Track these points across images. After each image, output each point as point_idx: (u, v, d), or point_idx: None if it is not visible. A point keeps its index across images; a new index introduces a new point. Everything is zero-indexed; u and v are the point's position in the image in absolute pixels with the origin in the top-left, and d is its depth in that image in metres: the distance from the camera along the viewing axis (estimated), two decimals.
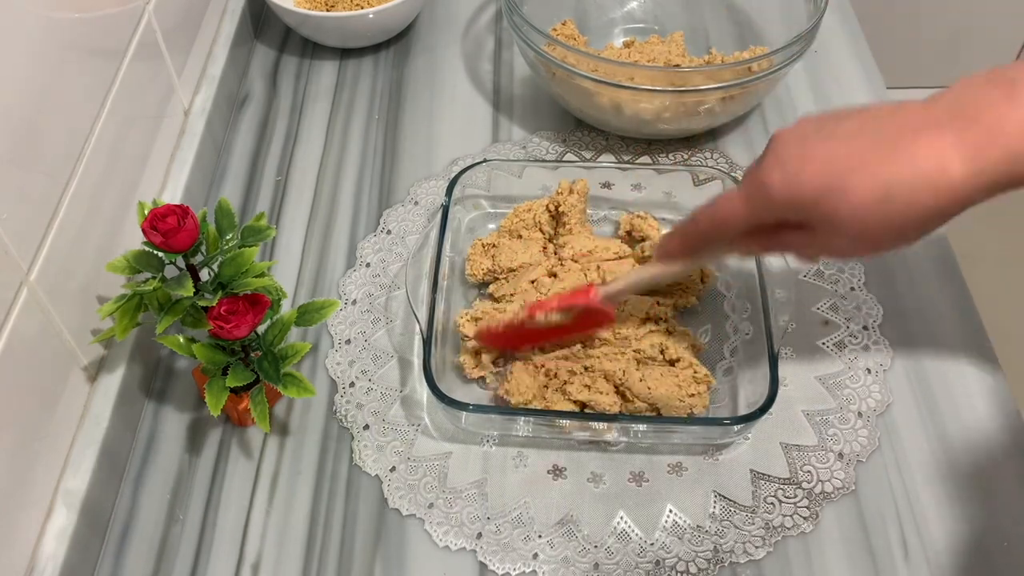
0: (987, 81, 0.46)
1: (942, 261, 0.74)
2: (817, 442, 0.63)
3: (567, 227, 0.73)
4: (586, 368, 0.64)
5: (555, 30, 0.87)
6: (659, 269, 0.61)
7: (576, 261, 0.70)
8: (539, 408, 0.63)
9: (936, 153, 0.45)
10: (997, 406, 0.65)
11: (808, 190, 0.48)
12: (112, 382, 0.63)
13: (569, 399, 0.63)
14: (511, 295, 0.69)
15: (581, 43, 0.87)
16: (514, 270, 0.71)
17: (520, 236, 0.74)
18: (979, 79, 0.46)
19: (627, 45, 0.88)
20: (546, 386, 0.64)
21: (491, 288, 0.71)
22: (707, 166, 0.79)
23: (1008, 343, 1.00)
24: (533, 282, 0.70)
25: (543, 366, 0.65)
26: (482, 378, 0.67)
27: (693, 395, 0.63)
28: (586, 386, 0.63)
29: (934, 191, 0.45)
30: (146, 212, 0.58)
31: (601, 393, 0.63)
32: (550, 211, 0.74)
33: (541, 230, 0.74)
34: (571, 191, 0.72)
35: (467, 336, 0.66)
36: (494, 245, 0.73)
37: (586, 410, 0.64)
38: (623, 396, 0.63)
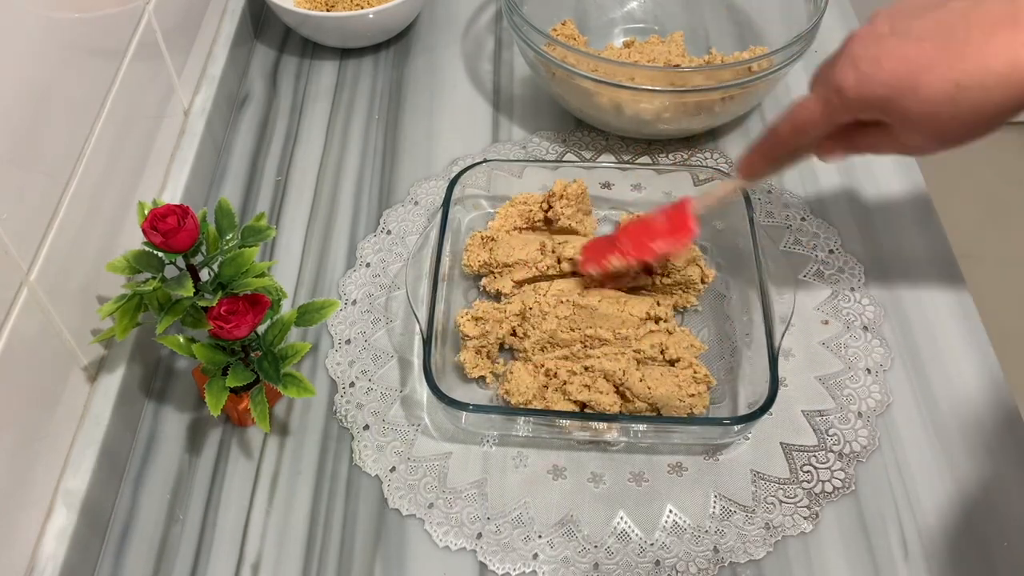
0: None
1: (942, 261, 0.74)
2: (817, 442, 0.63)
3: (567, 225, 0.73)
4: (586, 368, 0.64)
5: (555, 30, 0.87)
6: (742, 182, 0.62)
7: (574, 262, 0.70)
8: (539, 408, 0.63)
9: (1010, 51, 0.45)
10: (997, 406, 0.65)
11: (881, 89, 0.48)
12: (112, 382, 0.63)
13: (569, 399, 0.63)
14: (512, 293, 0.69)
15: (581, 43, 0.87)
16: (510, 266, 0.71)
17: (519, 229, 0.74)
18: None
19: (627, 45, 0.88)
20: (546, 386, 0.64)
21: (484, 281, 0.71)
22: (707, 166, 0.79)
23: (1008, 343, 1.00)
24: (522, 284, 0.70)
25: (543, 366, 0.65)
26: (482, 378, 0.67)
27: (693, 395, 0.63)
28: (586, 386, 0.63)
29: (1004, 89, 0.46)
30: (146, 212, 0.58)
31: (601, 393, 0.63)
32: (544, 210, 0.74)
33: (533, 227, 0.74)
34: (562, 196, 0.72)
35: (468, 335, 0.66)
36: (492, 239, 0.73)
37: (586, 410, 0.64)
38: (623, 396, 0.63)
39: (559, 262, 0.71)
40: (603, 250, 0.67)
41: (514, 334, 0.67)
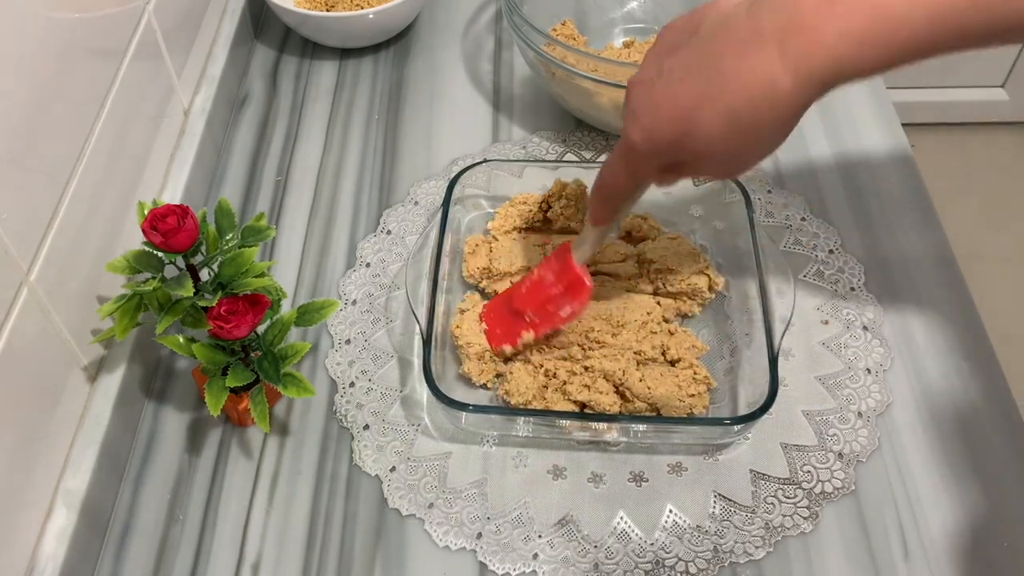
0: None
1: (942, 261, 0.74)
2: (817, 442, 0.63)
3: (567, 225, 0.73)
4: (586, 368, 0.64)
5: (555, 30, 0.87)
6: (602, 230, 0.63)
7: None
8: (539, 408, 0.63)
9: (763, 70, 0.45)
10: (997, 406, 0.65)
11: (665, 137, 0.49)
12: (112, 382, 0.63)
13: (569, 399, 0.63)
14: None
15: (581, 43, 0.87)
16: (513, 274, 0.70)
17: (519, 230, 0.74)
18: None
19: (627, 45, 0.88)
20: (546, 386, 0.64)
21: (483, 284, 0.71)
22: None
23: (1008, 343, 1.00)
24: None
25: (542, 366, 0.65)
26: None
27: (693, 395, 0.63)
28: (586, 386, 0.63)
29: (772, 106, 0.46)
30: (146, 212, 0.58)
31: (601, 393, 0.63)
32: (543, 211, 0.74)
33: (533, 228, 0.74)
34: (561, 196, 0.72)
35: (462, 344, 0.66)
36: (491, 244, 0.73)
37: (586, 410, 0.64)
38: (623, 396, 0.63)
39: None
40: (511, 325, 0.66)
41: None
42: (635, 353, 0.65)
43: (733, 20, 0.47)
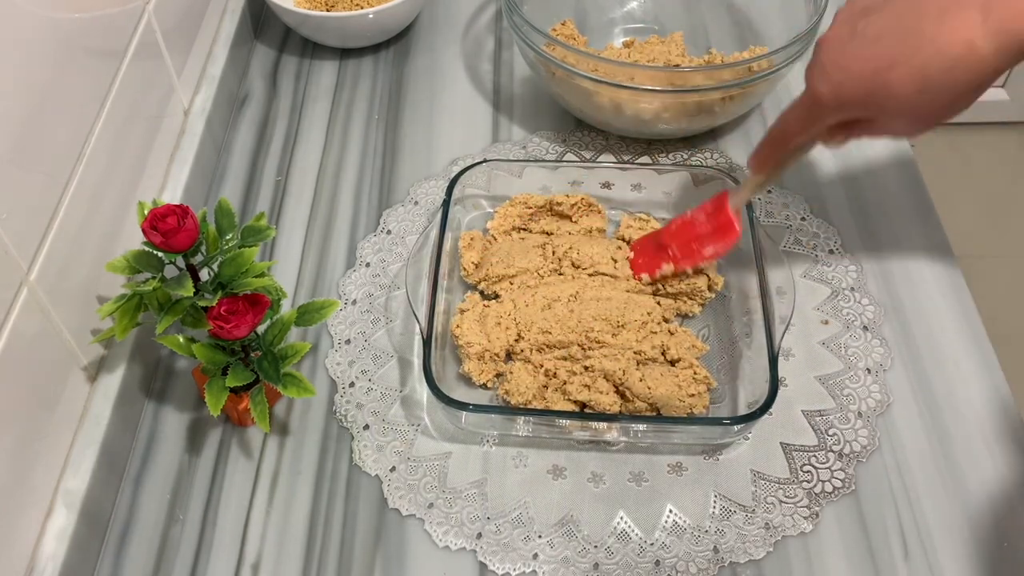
0: None
1: (942, 261, 0.74)
2: (817, 442, 0.63)
3: (573, 221, 0.73)
4: (586, 368, 0.64)
5: (555, 30, 0.87)
6: (763, 177, 0.65)
7: (577, 267, 0.70)
8: (539, 408, 0.63)
9: (964, 35, 0.47)
10: (997, 406, 0.65)
11: (854, 94, 0.52)
12: (112, 382, 0.63)
13: (569, 399, 0.63)
14: (505, 291, 0.70)
15: (581, 43, 0.87)
16: (512, 276, 0.70)
17: (518, 230, 0.74)
18: None
19: (627, 45, 0.88)
20: (546, 386, 0.64)
21: (482, 285, 0.71)
22: (707, 166, 0.79)
23: (1008, 343, 0.99)
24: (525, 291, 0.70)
25: (542, 366, 0.65)
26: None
27: (693, 395, 0.63)
28: (586, 386, 0.63)
29: (967, 70, 0.48)
30: (146, 212, 0.58)
31: (601, 393, 0.63)
32: (554, 211, 0.74)
33: (532, 221, 0.74)
34: (573, 205, 0.74)
35: (462, 344, 0.66)
36: (490, 242, 0.73)
37: (586, 410, 0.64)
38: (623, 396, 0.63)
39: (560, 262, 0.71)
40: (653, 256, 0.69)
41: (518, 339, 0.67)
42: (635, 353, 0.65)
43: None
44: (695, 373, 0.64)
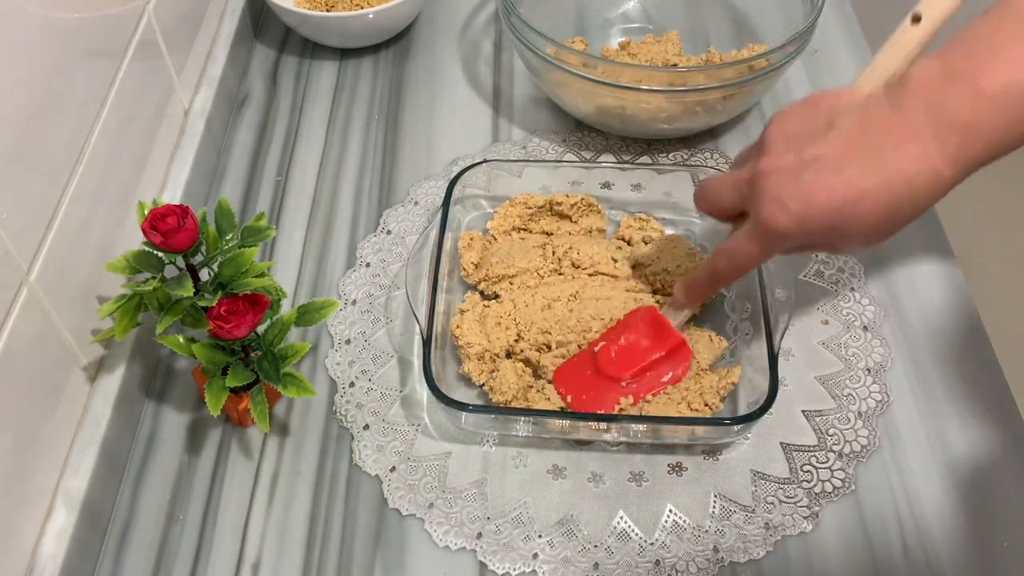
0: (946, 78, 0.48)
1: (942, 261, 0.74)
2: (817, 442, 0.63)
3: (573, 221, 0.73)
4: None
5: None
6: (689, 311, 0.66)
7: (577, 267, 0.70)
8: (538, 408, 0.63)
9: (927, 164, 0.48)
10: (997, 406, 0.65)
11: (820, 224, 0.51)
12: (112, 382, 0.63)
13: (550, 400, 0.63)
14: (505, 291, 0.70)
15: (578, 44, 0.87)
16: (512, 276, 0.70)
17: (518, 230, 0.74)
18: (934, 76, 0.48)
19: (623, 47, 0.88)
20: (531, 386, 0.64)
21: (482, 286, 0.71)
22: (707, 166, 0.79)
23: (1008, 343, 0.99)
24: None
25: (538, 363, 0.65)
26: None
27: (696, 410, 0.63)
28: None
29: (931, 193, 0.49)
30: (146, 212, 0.58)
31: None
32: (554, 211, 0.74)
33: (532, 221, 0.74)
34: (573, 205, 0.73)
35: (462, 344, 0.66)
36: (490, 242, 0.73)
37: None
38: None
39: (560, 262, 0.71)
40: (598, 389, 0.64)
41: (518, 339, 0.67)
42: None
43: (876, 113, 0.50)
44: (704, 396, 0.63)
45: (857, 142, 0.49)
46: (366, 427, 0.65)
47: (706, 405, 0.63)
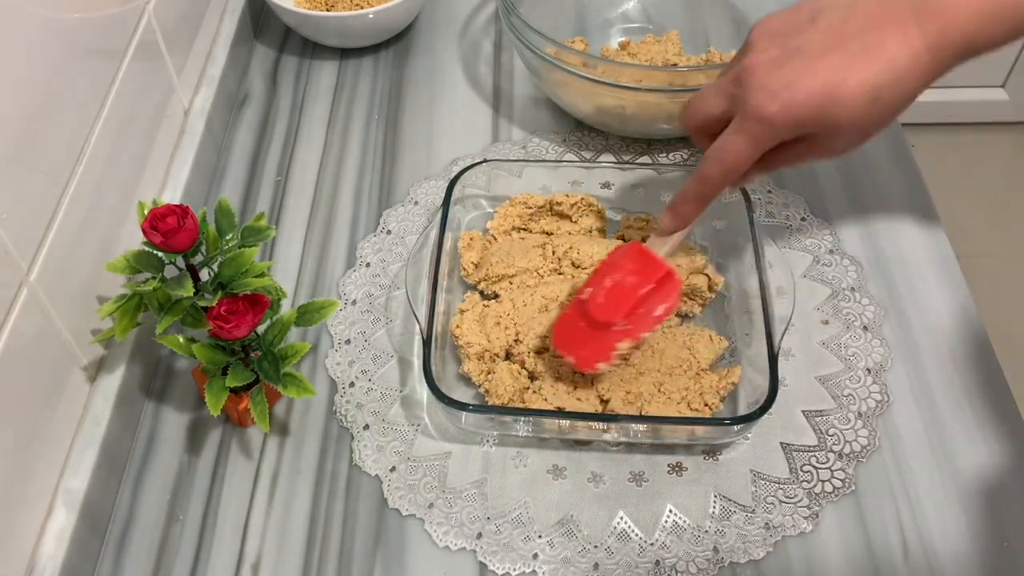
0: None
1: (942, 261, 0.74)
2: (817, 442, 0.63)
3: (573, 221, 0.73)
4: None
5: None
6: (684, 232, 0.63)
7: (577, 267, 0.70)
8: (536, 408, 0.63)
9: (907, 48, 0.51)
10: (997, 406, 0.65)
11: (807, 110, 0.52)
12: (112, 382, 0.63)
13: (547, 402, 0.63)
14: (504, 291, 0.69)
15: (578, 44, 0.87)
16: (512, 276, 0.70)
17: (517, 230, 0.74)
18: None
19: (622, 47, 0.88)
20: (527, 388, 0.64)
21: (482, 285, 0.71)
22: None
23: (1008, 343, 1.00)
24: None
25: (535, 366, 0.65)
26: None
27: (696, 410, 0.63)
28: (567, 392, 0.63)
29: (914, 80, 0.51)
30: (146, 212, 0.58)
31: (580, 400, 0.62)
32: (554, 211, 0.74)
33: (532, 221, 0.74)
34: (573, 205, 0.73)
35: (462, 344, 0.66)
36: (489, 242, 0.73)
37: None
38: (605, 404, 0.63)
39: (560, 262, 0.71)
40: (593, 339, 0.61)
41: (517, 340, 0.67)
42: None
43: (861, 5, 0.52)
44: (704, 396, 0.63)
45: (840, 30, 0.52)
46: (366, 427, 0.65)
47: (706, 405, 0.63)
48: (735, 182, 0.60)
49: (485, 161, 0.74)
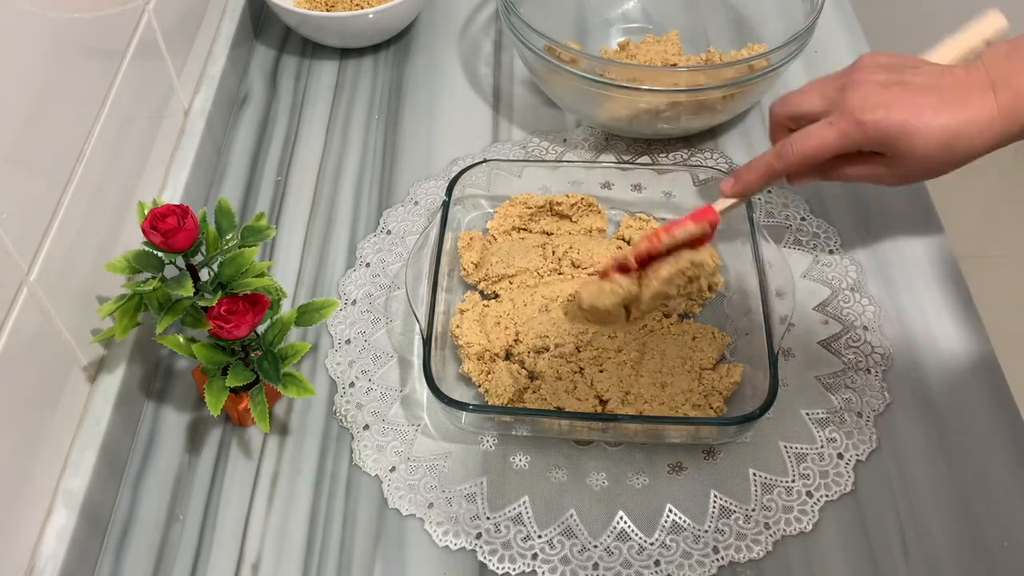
0: (1013, 52, 0.60)
1: (942, 261, 0.74)
2: (817, 442, 0.63)
3: (573, 221, 0.73)
4: (580, 370, 0.64)
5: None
6: (733, 202, 0.66)
7: (577, 267, 0.70)
8: (536, 408, 0.63)
9: (986, 112, 0.58)
10: (997, 406, 0.65)
11: (894, 129, 0.59)
12: (112, 382, 0.63)
13: (547, 403, 0.63)
14: (504, 291, 0.69)
15: (577, 44, 0.87)
16: (512, 276, 0.70)
17: (517, 229, 0.74)
18: (1003, 51, 0.60)
19: (622, 47, 0.88)
20: (526, 388, 0.64)
21: (482, 285, 0.71)
22: (707, 166, 0.79)
23: (1008, 343, 1.00)
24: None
25: (534, 366, 0.65)
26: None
27: (699, 406, 0.63)
28: (566, 391, 0.63)
29: (983, 140, 0.59)
30: (146, 212, 0.58)
31: (579, 400, 0.62)
32: (554, 211, 0.74)
33: (532, 220, 0.74)
34: (573, 205, 0.73)
35: (462, 344, 0.66)
36: (489, 242, 0.73)
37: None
38: (605, 404, 0.63)
39: (560, 262, 0.71)
40: (628, 255, 0.64)
41: (516, 340, 0.67)
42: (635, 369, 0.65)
43: (956, 71, 0.60)
44: (708, 398, 0.63)
45: (937, 81, 0.60)
46: (366, 427, 0.65)
47: (710, 407, 0.63)
48: (797, 175, 0.65)
49: (485, 161, 0.74)
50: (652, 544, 0.59)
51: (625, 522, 0.60)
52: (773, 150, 0.64)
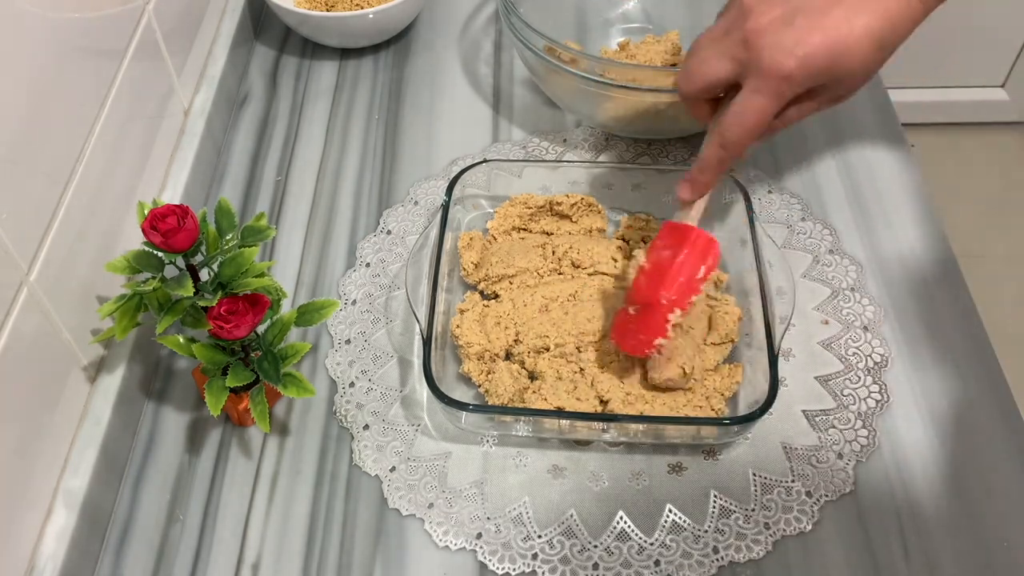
0: None
1: (942, 261, 0.74)
2: (817, 442, 0.63)
3: (573, 221, 0.73)
4: (581, 370, 0.64)
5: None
6: (704, 200, 0.65)
7: (577, 267, 0.70)
8: (536, 408, 0.63)
9: None
10: (997, 406, 0.65)
11: (821, 62, 0.56)
12: (112, 382, 0.63)
13: (547, 402, 0.63)
14: (504, 291, 0.69)
15: (577, 44, 0.87)
16: (510, 276, 0.70)
17: (517, 229, 0.74)
18: None
19: (621, 47, 0.88)
20: (527, 388, 0.64)
21: (482, 285, 0.71)
22: None
23: (1008, 343, 1.00)
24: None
25: (534, 366, 0.65)
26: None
27: (699, 407, 0.62)
28: (566, 391, 0.63)
29: (907, 22, 0.57)
30: (146, 212, 0.58)
31: (580, 400, 0.62)
32: (554, 211, 0.74)
33: (532, 220, 0.74)
34: (573, 205, 0.73)
35: (462, 344, 0.66)
36: (489, 242, 0.73)
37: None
38: (605, 405, 0.63)
39: (560, 262, 0.71)
40: (645, 324, 0.61)
41: (517, 340, 0.67)
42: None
43: None
44: (710, 399, 0.63)
45: None
46: (366, 427, 0.65)
47: (712, 409, 0.63)
48: (753, 142, 0.62)
49: (485, 161, 0.74)
50: (652, 544, 0.59)
51: (625, 522, 0.60)
52: (714, 140, 0.61)
